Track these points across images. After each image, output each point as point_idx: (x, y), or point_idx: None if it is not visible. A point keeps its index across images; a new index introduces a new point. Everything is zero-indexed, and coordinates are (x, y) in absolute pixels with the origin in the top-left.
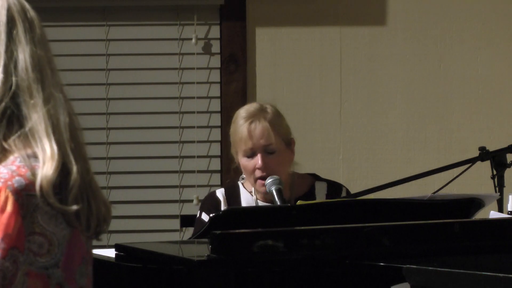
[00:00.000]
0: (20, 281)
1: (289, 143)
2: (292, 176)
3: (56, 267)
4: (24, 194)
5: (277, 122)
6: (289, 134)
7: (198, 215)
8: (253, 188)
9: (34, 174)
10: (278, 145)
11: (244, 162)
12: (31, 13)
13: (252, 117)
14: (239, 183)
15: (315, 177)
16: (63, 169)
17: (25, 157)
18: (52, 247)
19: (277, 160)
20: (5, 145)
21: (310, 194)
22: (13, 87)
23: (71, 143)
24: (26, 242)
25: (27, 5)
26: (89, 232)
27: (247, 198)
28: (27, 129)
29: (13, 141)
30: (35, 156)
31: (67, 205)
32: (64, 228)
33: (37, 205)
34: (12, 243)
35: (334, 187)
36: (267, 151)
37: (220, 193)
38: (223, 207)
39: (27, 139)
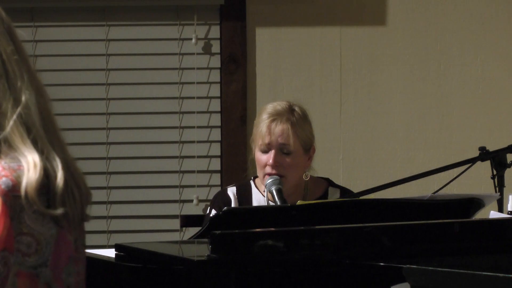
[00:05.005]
0: (10, 281)
1: (308, 149)
2: (307, 180)
3: (44, 266)
4: (11, 195)
5: (300, 126)
6: (310, 141)
7: (208, 212)
8: (265, 189)
9: (18, 176)
10: (295, 148)
11: (258, 156)
12: None
13: (276, 116)
14: (251, 183)
15: (329, 182)
16: (46, 171)
17: (7, 160)
18: (40, 246)
19: (290, 161)
20: None
21: (323, 199)
22: None
23: (48, 135)
24: (15, 243)
25: None
26: (75, 224)
27: (259, 198)
28: (2, 140)
29: None
30: (18, 158)
31: (55, 207)
32: (52, 228)
33: (23, 206)
34: (2, 245)
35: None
36: (282, 151)
37: (231, 191)
38: (233, 206)
39: (6, 147)
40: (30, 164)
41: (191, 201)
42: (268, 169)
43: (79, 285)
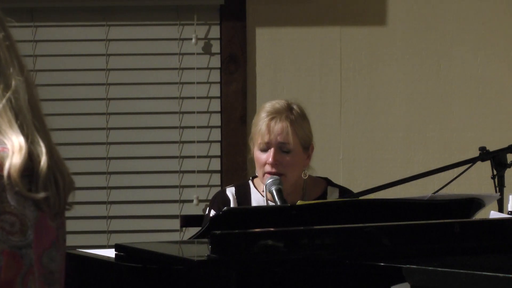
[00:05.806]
0: None
1: (307, 148)
2: (306, 179)
3: (29, 247)
4: None
5: (299, 124)
6: (309, 139)
7: (207, 212)
8: (264, 188)
9: (2, 157)
10: (294, 146)
11: (257, 154)
12: None
13: (275, 114)
14: (250, 183)
15: (328, 182)
16: (31, 155)
17: None
18: (25, 227)
19: (289, 160)
20: None
21: (322, 199)
22: None
23: (35, 121)
24: None
25: None
26: (56, 210)
27: (258, 198)
28: None
29: None
30: (3, 140)
31: (37, 190)
32: (33, 211)
33: (5, 186)
34: None
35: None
36: (281, 149)
37: (230, 192)
38: (232, 206)
39: None
40: (15, 147)
41: (191, 201)
42: (268, 168)
43: (60, 275)
